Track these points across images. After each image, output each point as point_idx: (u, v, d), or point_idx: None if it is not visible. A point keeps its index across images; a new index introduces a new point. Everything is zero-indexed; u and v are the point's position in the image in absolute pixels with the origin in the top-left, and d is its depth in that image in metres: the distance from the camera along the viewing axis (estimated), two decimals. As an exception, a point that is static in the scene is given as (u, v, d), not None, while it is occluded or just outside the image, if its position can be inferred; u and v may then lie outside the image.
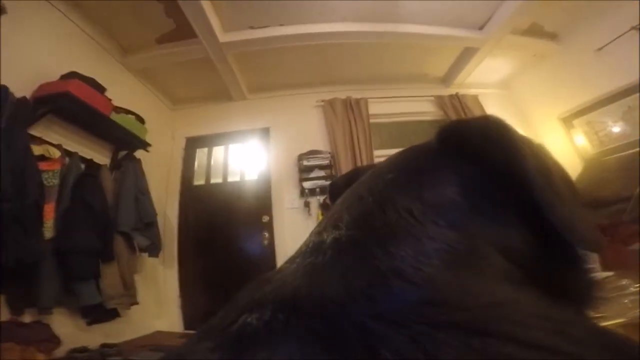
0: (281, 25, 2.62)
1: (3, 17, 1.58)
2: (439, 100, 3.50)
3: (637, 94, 2.70)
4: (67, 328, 1.77)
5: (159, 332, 2.52)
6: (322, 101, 3.34)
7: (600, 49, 2.85)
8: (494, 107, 3.60)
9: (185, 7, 2.19)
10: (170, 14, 2.34)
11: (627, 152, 2.76)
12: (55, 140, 1.90)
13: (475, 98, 3.56)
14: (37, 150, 1.72)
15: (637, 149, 2.69)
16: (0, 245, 1.34)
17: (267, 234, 2.94)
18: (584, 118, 3.14)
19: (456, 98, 3.49)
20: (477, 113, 3.42)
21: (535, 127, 3.66)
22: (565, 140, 3.34)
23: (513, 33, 2.93)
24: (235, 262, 2.91)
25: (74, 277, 1.73)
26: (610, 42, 2.77)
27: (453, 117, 3.38)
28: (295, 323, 0.17)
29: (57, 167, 1.80)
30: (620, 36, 2.69)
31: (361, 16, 2.63)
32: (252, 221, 3.00)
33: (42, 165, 1.71)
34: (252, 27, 2.60)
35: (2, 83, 1.56)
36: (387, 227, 0.24)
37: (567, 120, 3.30)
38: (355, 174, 0.43)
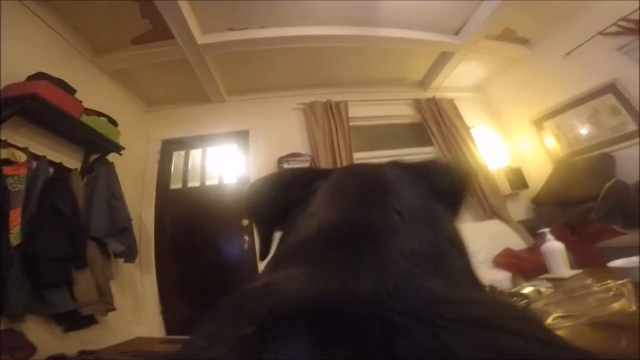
0: (261, 27, 2.62)
1: None
2: (417, 104, 3.60)
3: (602, 97, 2.83)
4: (42, 335, 1.71)
5: (139, 338, 2.46)
6: (303, 104, 3.36)
7: (568, 53, 3.01)
8: (469, 110, 3.72)
9: (162, 8, 2.15)
10: (146, 14, 2.29)
11: (595, 153, 2.90)
12: (21, 144, 1.82)
13: (451, 102, 3.68)
14: (1, 153, 1.65)
15: (603, 150, 2.83)
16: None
17: (247, 238, 2.92)
18: (554, 120, 3.29)
19: (433, 102, 3.60)
20: (452, 116, 3.54)
21: (508, 129, 3.80)
22: (536, 141, 3.50)
23: (487, 38, 3.05)
24: (214, 266, 2.87)
25: (43, 284, 1.67)
26: (576, 48, 2.93)
27: (430, 120, 3.48)
28: (324, 321, 0.17)
29: (22, 171, 1.73)
30: (586, 42, 2.84)
31: (341, 20, 2.67)
32: (231, 225, 2.97)
33: (7, 170, 1.64)
34: (231, 29, 2.59)
35: None
36: (391, 228, 0.26)
37: (538, 123, 3.43)
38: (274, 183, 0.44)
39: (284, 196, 0.39)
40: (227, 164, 3.26)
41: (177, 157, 3.24)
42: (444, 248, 0.26)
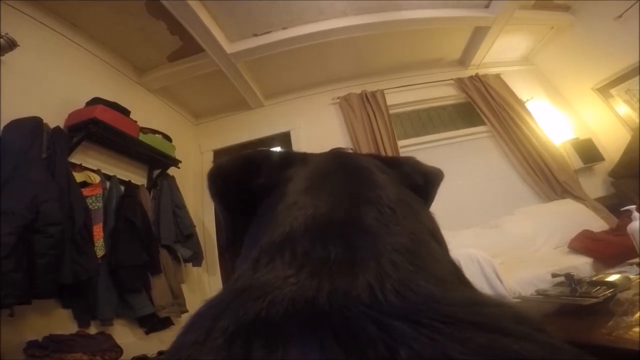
0: (284, 28, 2.64)
1: (17, 49, 1.62)
2: (460, 83, 3.40)
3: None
4: (128, 338, 1.90)
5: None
6: (337, 98, 3.34)
7: (619, 16, 2.76)
8: (519, 84, 3.46)
9: (186, 23, 2.23)
10: (174, 31, 2.39)
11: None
12: (93, 166, 2.02)
13: (497, 77, 3.44)
14: (78, 177, 1.83)
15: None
16: (59, 264, 1.46)
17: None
18: (622, 86, 2.99)
19: (477, 79, 3.38)
20: (502, 92, 3.30)
21: (567, 99, 3.49)
22: (606, 111, 3.17)
23: (523, 8, 2.87)
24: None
25: (126, 290, 1.86)
26: (628, 9, 2.69)
27: (477, 98, 3.28)
28: (317, 324, 0.16)
29: (98, 191, 1.92)
30: (637, 2, 2.60)
31: (361, 9, 2.63)
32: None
33: (85, 191, 1.83)
34: (255, 35, 2.64)
35: (36, 115, 1.65)
36: (384, 224, 0.25)
37: (604, 90, 3.14)
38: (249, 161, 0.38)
39: (255, 179, 0.35)
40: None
41: (229, 165, 3.39)
42: (430, 243, 0.25)
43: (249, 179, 0.35)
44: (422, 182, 0.39)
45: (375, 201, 0.27)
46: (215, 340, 0.17)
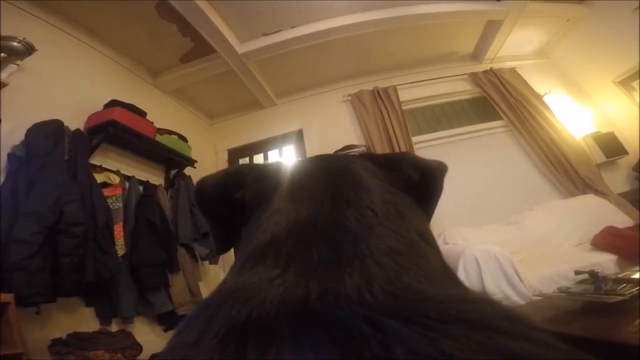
0: (293, 27, 2.65)
1: (35, 54, 1.65)
2: (474, 78, 3.34)
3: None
4: (148, 335, 1.95)
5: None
6: (349, 95, 3.33)
7: (637, 8, 2.64)
8: (536, 78, 3.37)
9: (197, 24, 2.27)
10: (185, 33, 2.42)
11: None
12: (113, 167, 2.07)
13: (513, 71, 3.36)
14: (99, 178, 1.89)
15: None
16: (83, 263, 1.51)
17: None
18: None
19: (492, 73, 3.31)
20: (518, 86, 3.22)
21: (587, 92, 3.37)
22: (628, 104, 3.04)
23: (536, 0, 2.79)
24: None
25: (146, 288, 1.91)
26: None
27: (492, 93, 3.21)
28: (309, 324, 0.16)
29: (118, 191, 1.97)
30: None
31: (370, 6, 2.61)
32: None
33: (106, 191, 1.88)
34: (265, 34, 2.65)
35: (56, 118, 1.70)
36: (366, 226, 0.25)
37: (625, 83, 3.01)
38: (231, 176, 0.40)
39: (239, 192, 0.36)
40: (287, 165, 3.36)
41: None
42: (418, 244, 0.26)
43: (233, 192, 0.37)
44: (418, 178, 0.37)
45: (356, 204, 0.27)
46: (210, 341, 0.17)
